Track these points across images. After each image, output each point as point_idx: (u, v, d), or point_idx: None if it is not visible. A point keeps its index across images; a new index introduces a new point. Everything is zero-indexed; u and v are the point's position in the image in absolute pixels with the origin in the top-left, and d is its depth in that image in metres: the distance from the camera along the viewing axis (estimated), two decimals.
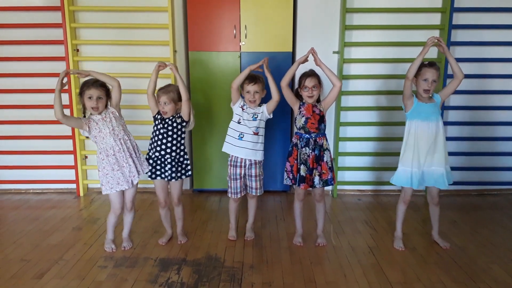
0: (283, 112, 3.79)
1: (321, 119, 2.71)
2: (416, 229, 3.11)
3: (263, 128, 2.84)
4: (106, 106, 2.64)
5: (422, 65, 2.62)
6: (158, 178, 2.78)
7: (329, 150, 2.75)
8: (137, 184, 2.73)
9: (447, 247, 2.79)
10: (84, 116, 2.63)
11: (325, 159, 2.72)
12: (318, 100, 2.77)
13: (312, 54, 2.68)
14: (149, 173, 2.78)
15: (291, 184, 2.80)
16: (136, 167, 2.66)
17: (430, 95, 2.68)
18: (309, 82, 2.66)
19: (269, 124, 3.74)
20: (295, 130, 2.78)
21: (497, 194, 3.95)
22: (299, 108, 2.74)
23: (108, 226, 2.79)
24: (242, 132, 2.78)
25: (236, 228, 3.00)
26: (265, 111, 2.80)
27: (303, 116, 2.71)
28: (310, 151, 2.69)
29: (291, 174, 2.78)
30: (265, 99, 2.83)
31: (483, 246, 2.84)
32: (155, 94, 2.73)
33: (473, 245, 2.85)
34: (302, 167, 2.70)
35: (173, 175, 2.76)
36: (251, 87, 2.73)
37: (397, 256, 2.70)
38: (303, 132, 2.71)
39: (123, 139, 2.62)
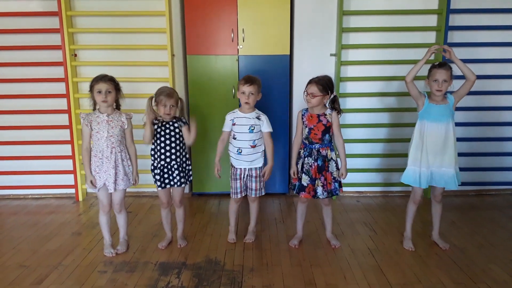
0: (282, 116, 3.79)
1: (326, 130, 2.67)
2: (415, 231, 3.10)
3: (261, 139, 2.81)
4: (117, 106, 2.67)
5: (432, 66, 2.64)
6: (168, 186, 2.76)
7: (334, 161, 2.72)
8: (124, 190, 2.72)
9: (447, 248, 2.80)
10: (94, 108, 2.63)
11: (330, 169, 2.70)
12: (335, 108, 2.69)
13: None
14: (158, 183, 2.74)
15: (293, 189, 2.83)
16: (116, 179, 2.64)
17: (445, 96, 2.66)
18: (308, 88, 2.64)
19: None
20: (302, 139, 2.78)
21: (496, 194, 3.96)
22: (302, 118, 2.73)
23: (101, 227, 2.79)
24: (240, 147, 2.77)
25: (236, 231, 3.00)
26: (265, 124, 2.77)
27: (306, 127, 2.70)
28: (313, 161, 2.68)
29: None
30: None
31: (482, 246, 2.85)
32: (155, 99, 2.69)
33: (472, 246, 2.86)
34: (304, 176, 2.70)
35: (182, 180, 2.75)
36: (246, 88, 2.70)
37: (396, 258, 2.70)
38: (307, 143, 2.72)
39: (116, 149, 2.62)
